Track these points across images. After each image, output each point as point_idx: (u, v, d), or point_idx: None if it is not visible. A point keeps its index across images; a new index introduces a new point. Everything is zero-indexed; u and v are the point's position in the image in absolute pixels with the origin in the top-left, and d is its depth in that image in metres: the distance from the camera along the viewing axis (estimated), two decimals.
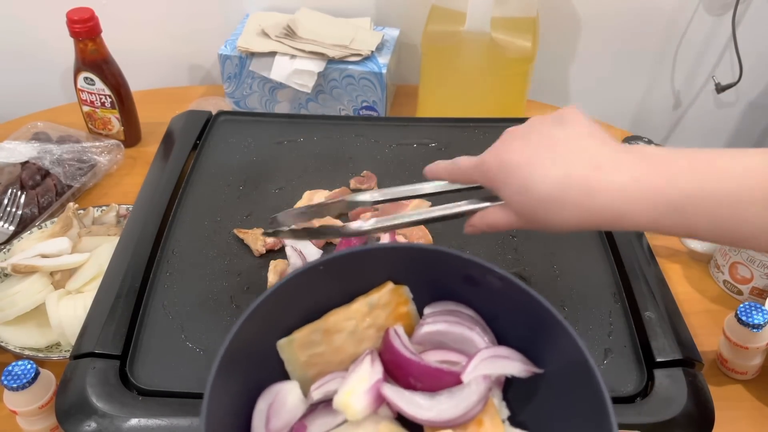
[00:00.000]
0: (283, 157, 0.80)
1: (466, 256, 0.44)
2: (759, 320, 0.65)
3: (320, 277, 0.44)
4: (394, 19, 1.10)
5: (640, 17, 1.12)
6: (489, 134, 0.84)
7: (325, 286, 0.45)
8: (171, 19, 1.13)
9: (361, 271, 0.46)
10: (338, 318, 0.45)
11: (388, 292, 0.46)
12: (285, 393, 0.43)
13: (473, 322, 0.46)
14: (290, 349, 0.44)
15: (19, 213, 0.84)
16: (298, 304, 0.44)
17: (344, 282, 0.46)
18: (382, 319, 0.46)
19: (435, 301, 0.48)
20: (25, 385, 0.57)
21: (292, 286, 0.43)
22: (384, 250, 0.46)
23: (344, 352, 0.45)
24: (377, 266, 0.46)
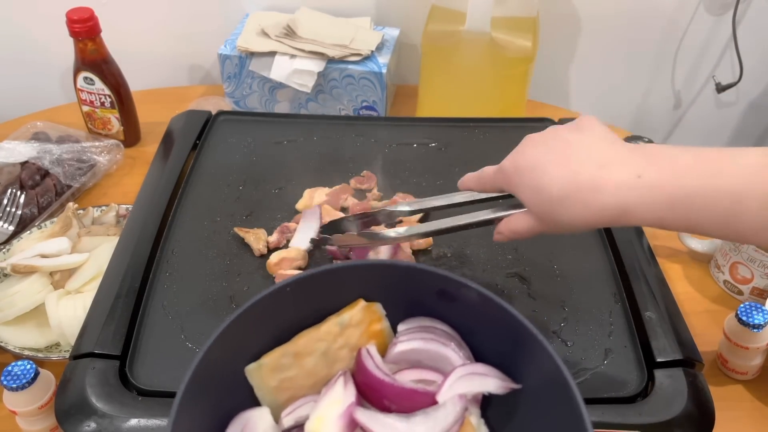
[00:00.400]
0: (283, 157, 0.80)
1: (439, 271, 0.44)
2: (759, 320, 0.65)
3: (289, 298, 0.43)
4: (394, 19, 1.10)
5: (640, 17, 1.12)
6: (489, 134, 0.85)
7: (295, 306, 0.44)
8: (171, 19, 1.13)
9: (330, 290, 0.45)
10: (309, 339, 0.43)
11: (361, 310, 0.45)
12: (255, 420, 0.42)
13: (448, 338, 0.45)
14: (259, 374, 0.43)
15: (18, 213, 0.84)
16: (266, 327, 0.43)
17: (315, 302, 0.44)
18: (355, 339, 0.45)
19: (409, 317, 0.47)
20: (25, 386, 0.57)
21: (260, 308, 0.42)
22: (354, 268, 0.45)
23: (316, 375, 0.44)
24: (348, 284, 0.45)
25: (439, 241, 0.68)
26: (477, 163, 0.78)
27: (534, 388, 0.43)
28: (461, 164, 0.79)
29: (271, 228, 0.69)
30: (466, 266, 0.66)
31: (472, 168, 0.78)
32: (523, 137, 0.87)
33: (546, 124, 0.86)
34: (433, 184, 0.76)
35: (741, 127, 1.28)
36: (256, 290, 0.63)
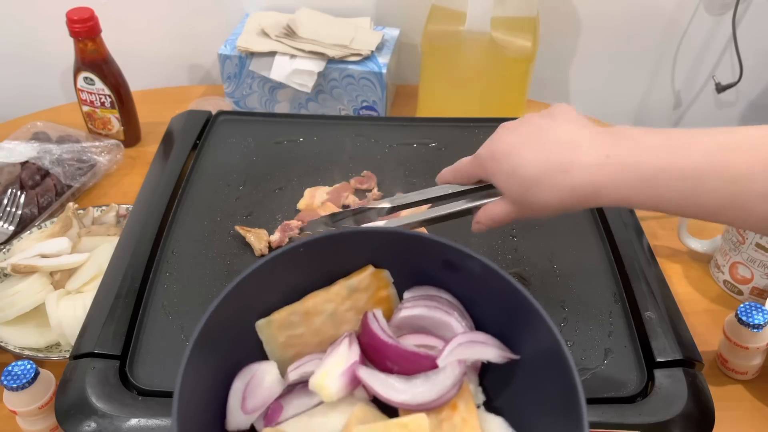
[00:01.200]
0: (283, 157, 0.80)
1: (445, 241, 0.45)
2: (759, 320, 0.65)
3: (300, 258, 0.44)
4: (394, 19, 1.10)
5: (640, 17, 1.12)
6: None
7: (306, 267, 0.45)
8: (171, 19, 1.13)
9: (341, 254, 0.46)
10: (318, 300, 0.45)
11: (369, 276, 0.46)
12: (262, 373, 0.44)
13: (451, 307, 0.47)
14: (269, 329, 0.44)
15: (18, 213, 0.84)
16: (277, 285, 0.44)
17: (325, 264, 0.46)
18: (362, 303, 0.46)
19: (415, 286, 0.48)
20: (25, 385, 0.57)
21: (272, 266, 0.43)
22: (365, 234, 0.47)
23: (323, 334, 0.46)
24: (358, 250, 0.46)
25: None
26: None
27: (531, 358, 0.43)
28: None
29: (271, 228, 0.69)
30: None
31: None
32: None
33: None
34: (433, 184, 0.76)
35: None
36: None
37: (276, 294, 0.45)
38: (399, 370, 0.44)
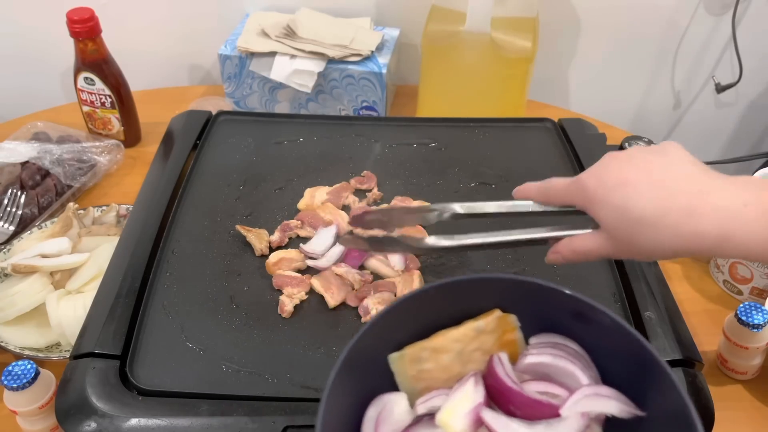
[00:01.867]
0: (283, 157, 0.80)
1: (577, 295, 0.45)
2: (759, 320, 0.65)
3: (432, 299, 0.46)
4: (394, 19, 1.10)
5: (640, 17, 1.12)
6: (489, 134, 0.85)
7: (436, 307, 0.47)
8: (171, 19, 1.13)
9: (471, 297, 0.47)
10: (446, 339, 0.46)
11: (496, 319, 0.47)
12: (393, 403, 0.45)
13: (577, 357, 0.46)
14: (401, 362, 0.46)
15: (19, 213, 0.84)
16: (410, 322, 0.46)
17: (454, 305, 0.47)
18: (489, 344, 0.47)
19: (541, 332, 0.48)
20: (25, 385, 0.57)
21: (407, 305, 0.46)
22: (496, 281, 0.47)
23: (450, 371, 0.47)
24: (487, 294, 0.47)
25: None
26: (477, 163, 0.79)
27: (657, 417, 0.43)
28: (461, 164, 0.79)
29: (271, 228, 0.69)
30: (466, 266, 0.66)
31: (472, 168, 0.79)
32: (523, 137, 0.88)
33: (545, 124, 0.86)
34: (433, 184, 0.76)
35: (740, 127, 1.28)
36: (256, 290, 0.63)
37: (408, 329, 0.46)
38: (521, 415, 0.44)
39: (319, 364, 0.56)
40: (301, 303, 0.62)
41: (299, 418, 0.52)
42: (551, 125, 0.86)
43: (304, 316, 0.61)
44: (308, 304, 0.62)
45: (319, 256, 0.66)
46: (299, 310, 0.62)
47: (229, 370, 0.55)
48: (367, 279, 0.64)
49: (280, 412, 0.52)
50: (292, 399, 0.53)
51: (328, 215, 0.70)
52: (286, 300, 0.61)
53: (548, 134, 0.84)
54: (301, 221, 0.70)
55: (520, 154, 0.81)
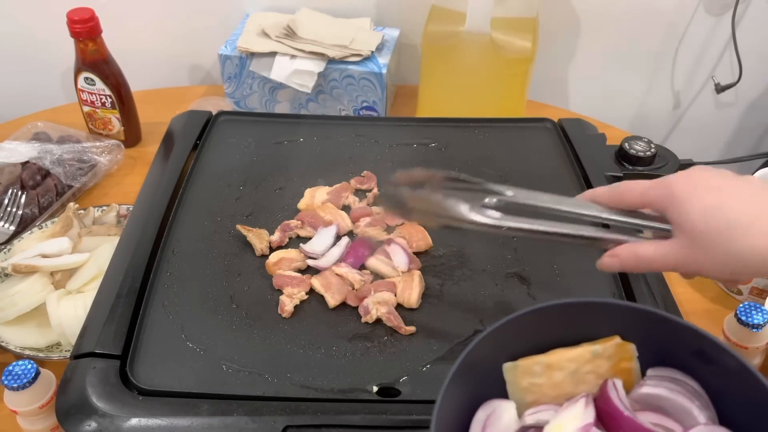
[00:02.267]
0: (283, 157, 0.80)
1: (702, 332, 0.44)
2: (759, 320, 0.65)
3: (553, 316, 0.46)
4: (394, 19, 1.10)
5: (640, 17, 1.12)
6: (489, 134, 0.85)
7: (555, 324, 0.47)
8: (171, 19, 1.13)
9: (591, 320, 0.47)
10: (562, 357, 0.46)
11: (614, 346, 0.46)
12: (502, 410, 0.46)
13: (695, 395, 0.45)
14: (514, 373, 0.46)
15: (19, 213, 0.84)
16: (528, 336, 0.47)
17: (573, 325, 0.47)
18: (604, 369, 0.47)
19: (659, 365, 0.47)
20: (26, 385, 0.57)
21: (526, 319, 0.46)
22: (620, 307, 0.47)
23: (561, 389, 0.47)
24: (610, 320, 0.47)
25: (439, 241, 0.68)
26: (477, 163, 0.79)
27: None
28: (461, 164, 0.79)
29: (271, 228, 0.69)
30: (466, 266, 0.66)
31: (472, 168, 0.79)
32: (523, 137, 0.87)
33: (545, 124, 0.86)
34: None
35: (740, 127, 1.28)
36: (257, 290, 0.63)
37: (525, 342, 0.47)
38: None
39: (319, 364, 0.56)
40: (301, 303, 0.62)
41: (299, 418, 0.52)
42: (551, 125, 0.86)
43: (304, 316, 0.61)
44: (308, 304, 0.62)
45: (319, 256, 0.66)
46: (299, 310, 0.62)
47: (229, 370, 0.55)
48: (368, 279, 0.64)
49: (280, 412, 0.52)
50: (292, 399, 0.53)
51: (328, 215, 0.70)
52: (286, 300, 0.61)
53: (548, 134, 0.85)
54: (301, 221, 0.70)
55: (520, 154, 0.81)
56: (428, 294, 0.63)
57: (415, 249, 0.68)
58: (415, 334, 0.59)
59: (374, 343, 0.59)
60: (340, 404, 0.53)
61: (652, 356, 0.47)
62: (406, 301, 0.62)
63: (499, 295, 0.58)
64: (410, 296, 0.62)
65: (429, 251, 0.68)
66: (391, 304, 0.61)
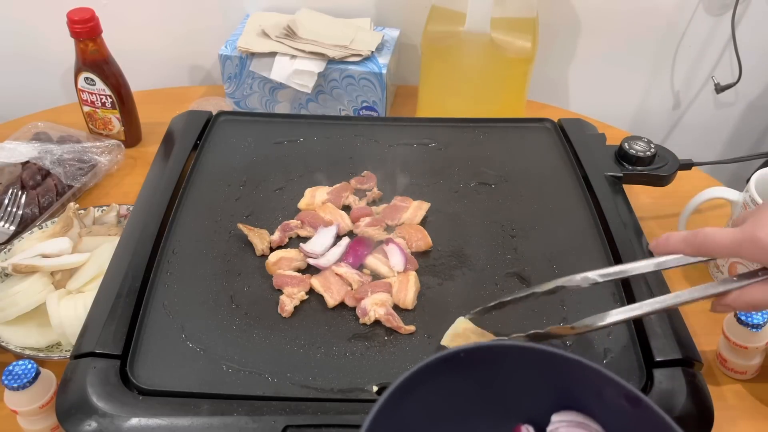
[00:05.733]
0: (283, 157, 0.80)
1: (607, 373, 0.44)
2: (758, 320, 0.65)
3: (460, 364, 0.45)
4: (394, 19, 1.10)
5: (639, 17, 1.12)
6: (489, 134, 0.85)
7: (465, 373, 0.45)
8: (171, 20, 1.13)
9: (498, 364, 0.46)
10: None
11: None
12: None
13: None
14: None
15: (19, 213, 0.84)
16: (442, 390, 0.45)
17: (485, 372, 0.46)
18: None
19: (562, 410, 0.47)
20: (26, 385, 0.57)
21: (432, 370, 0.44)
22: (522, 349, 0.46)
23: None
24: (516, 362, 0.46)
25: (439, 241, 0.69)
26: (477, 163, 0.79)
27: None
28: (461, 164, 0.79)
29: (271, 228, 0.70)
30: (466, 266, 0.66)
31: (472, 168, 0.79)
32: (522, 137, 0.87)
33: (545, 124, 0.86)
34: (433, 184, 0.77)
35: (740, 127, 1.28)
36: (257, 290, 0.63)
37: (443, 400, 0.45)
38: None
39: (319, 364, 0.57)
40: (301, 303, 0.62)
41: (299, 418, 0.52)
42: (551, 125, 0.86)
43: (304, 316, 0.61)
44: (308, 304, 0.62)
45: (319, 255, 0.66)
46: (299, 310, 0.62)
47: (229, 369, 0.55)
48: (366, 279, 0.64)
49: (280, 412, 0.52)
50: (292, 399, 0.53)
51: (328, 215, 0.70)
52: (286, 300, 0.61)
53: (548, 134, 0.85)
54: (301, 221, 0.70)
55: (520, 154, 0.81)
56: (428, 294, 0.63)
57: (414, 249, 0.68)
58: (415, 333, 0.60)
59: (374, 343, 0.59)
60: (340, 404, 0.53)
61: (553, 399, 0.47)
62: (402, 301, 0.62)
63: (499, 295, 0.58)
64: (405, 297, 0.62)
65: (429, 251, 0.68)
66: (389, 304, 0.61)
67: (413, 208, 0.72)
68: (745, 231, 0.47)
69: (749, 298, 0.49)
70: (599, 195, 0.74)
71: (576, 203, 0.74)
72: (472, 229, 0.71)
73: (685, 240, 0.50)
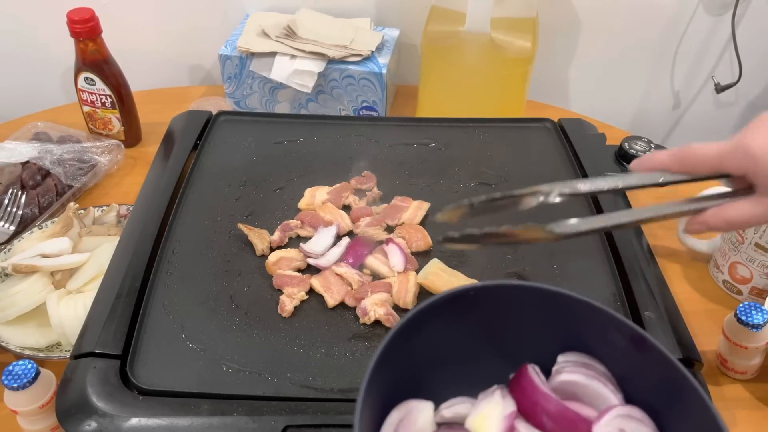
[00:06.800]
0: (283, 157, 0.80)
1: (613, 314, 0.44)
2: (758, 320, 0.65)
3: (467, 301, 0.45)
4: (394, 19, 1.10)
5: (639, 17, 1.12)
6: (489, 134, 0.85)
7: (471, 311, 0.46)
8: (171, 19, 1.13)
9: (506, 304, 0.47)
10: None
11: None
12: (418, 411, 0.44)
13: (607, 379, 0.46)
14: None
15: (19, 213, 0.84)
16: (447, 325, 0.45)
17: (487, 310, 0.46)
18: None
19: (568, 351, 0.48)
20: (26, 385, 0.57)
21: (440, 307, 0.45)
22: (530, 289, 0.46)
23: None
24: (523, 302, 0.46)
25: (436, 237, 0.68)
26: (477, 163, 0.79)
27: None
28: (461, 164, 0.79)
29: (271, 228, 0.70)
30: (466, 266, 0.66)
31: (472, 168, 0.79)
32: (522, 137, 0.87)
33: (545, 124, 0.86)
34: (433, 184, 0.77)
35: (740, 127, 1.26)
36: (257, 290, 0.63)
37: (445, 335, 0.46)
38: (552, 428, 0.43)
39: (319, 364, 0.57)
40: (301, 303, 0.62)
41: (299, 418, 0.52)
42: (551, 125, 0.86)
43: (304, 316, 0.61)
44: (308, 304, 0.62)
45: (319, 255, 0.66)
46: (299, 309, 0.62)
47: (229, 370, 0.55)
48: (366, 279, 0.64)
49: (280, 412, 0.52)
50: (292, 399, 0.53)
51: (328, 215, 0.70)
52: (286, 300, 0.61)
53: (548, 134, 0.85)
54: (301, 221, 0.70)
55: (520, 154, 0.81)
56: (428, 294, 0.63)
57: (414, 249, 0.68)
58: None
59: (374, 343, 0.59)
60: (340, 404, 0.53)
61: (559, 340, 0.47)
62: (402, 301, 0.62)
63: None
64: (405, 297, 0.62)
65: (429, 251, 0.68)
66: (389, 304, 0.61)
67: (413, 208, 0.72)
68: (733, 140, 0.45)
69: (728, 215, 0.46)
70: (599, 195, 0.74)
71: (576, 203, 0.73)
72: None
73: (670, 154, 0.48)
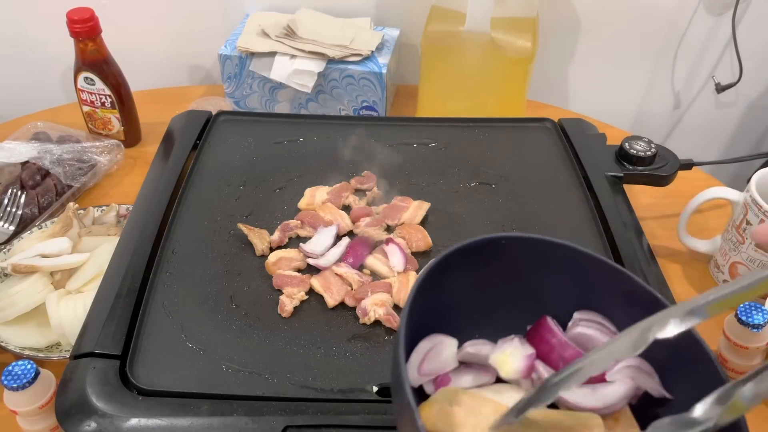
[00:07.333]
0: (283, 157, 0.80)
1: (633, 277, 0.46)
2: (759, 320, 0.65)
3: (499, 250, 0.48)
4: (394, 19, 1.10)
5: (640, 17, 1.12)
6: (489, 134, 0.85)
7: (498, 257, 0.48)
8: (171, 19, 1.13)
9: (528, 256, 0.49)
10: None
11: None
12: (444, 345, 0.47)
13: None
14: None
15: (19, 213, 0.84)
16: (477, 266, 0.48)
17: (515, 262, 0.48)
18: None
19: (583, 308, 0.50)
20: (25, 385, 0.57)
21: (478, 246, 0.47)
22: (553, 245, 0.49)
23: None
24: (544, 256, 0.49)
25: (439, 241, 0.68)
26: (477, 163, 0.79)
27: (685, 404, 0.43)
28: (461, 164, 0.79)
29: (271, 228, 0.69)
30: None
31: (472, 168, 0.79)
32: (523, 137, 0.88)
33: (545, 124, 0.86)
34: (433, 184, 0.76)
35: (740, 127, 1.28)
36: (257, 290, 0.63)
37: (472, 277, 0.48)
38: None
39: (319, 364, 0.56)
40: (300, 303, 0.62)
41: (299, 418, 0.52)
42: (551, 125, 0.86)
43: (304, 316, 0.61)
44: (308, 304, 0.62)
45: (319, 255, 0.66)
46: (299, 310, 0.62)
47: (229, 370, 0.55)
48: (366, 279, 0.64)
49: (280, 412, 0.52)
50: (292, 399, 0.53)
51: (328, 215, 0.70)
52: (286, 300, 0.61)
53: (548, 134, 0.85)
54: (301, 221, 0.70)
55: (520, 154, 0.81)
56: None
57: (414, 249, 0.68)
58: None
59: (374, 343, 0.59)
60: (340, 404, 0.53)
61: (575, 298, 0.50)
62: (402, 302, 0.62)
63: None
64: (405, 297, 0.61)
65: (429, 251, 0.68)
66: (389, 305, 0.61)
67: (413, 208, 0.72)
68: None
69: None
70: (599, 195, 0.74)
71: (576, 203, 0.73)
72: (473, 229, 0.71)
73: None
